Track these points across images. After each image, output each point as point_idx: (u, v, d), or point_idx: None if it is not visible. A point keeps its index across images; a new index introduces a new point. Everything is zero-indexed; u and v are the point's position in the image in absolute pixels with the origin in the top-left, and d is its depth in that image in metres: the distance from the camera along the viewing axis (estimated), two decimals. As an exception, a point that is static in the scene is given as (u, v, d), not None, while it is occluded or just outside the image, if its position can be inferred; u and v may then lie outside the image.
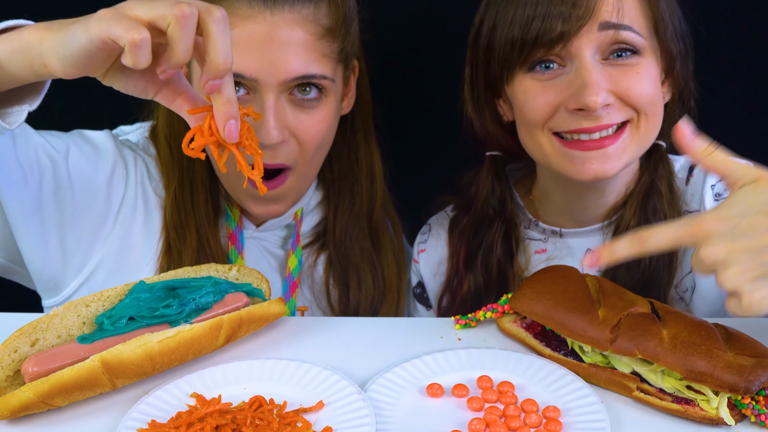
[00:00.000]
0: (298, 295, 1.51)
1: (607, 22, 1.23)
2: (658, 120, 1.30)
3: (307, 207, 1.53)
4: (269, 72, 1.23)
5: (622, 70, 1.25)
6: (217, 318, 1.12)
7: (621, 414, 1.03)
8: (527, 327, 1.19)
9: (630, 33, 1.24)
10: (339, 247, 1.51)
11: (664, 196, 1.36)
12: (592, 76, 1.23)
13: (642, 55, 1.26)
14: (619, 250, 0.98)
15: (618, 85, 1.25)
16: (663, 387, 1.03)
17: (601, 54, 1.25)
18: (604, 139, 1.26)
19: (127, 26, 0.90)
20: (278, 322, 1.26)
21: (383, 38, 1.49)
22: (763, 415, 0.98)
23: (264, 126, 1.25)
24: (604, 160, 1.26)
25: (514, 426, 1.00)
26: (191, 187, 1.42)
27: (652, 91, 1.27)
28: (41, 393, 0.99)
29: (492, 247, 1.44)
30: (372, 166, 1.53)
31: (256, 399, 1.05)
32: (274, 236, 1.51)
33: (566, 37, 1.23)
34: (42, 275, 1.39)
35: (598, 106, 1.22)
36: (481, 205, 1.48)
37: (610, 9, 1.23)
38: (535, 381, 1.09)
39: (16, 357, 1.05)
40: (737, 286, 0.91)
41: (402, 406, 1.05)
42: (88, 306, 1.12)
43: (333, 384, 1.07)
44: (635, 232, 0.97)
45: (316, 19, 1.26)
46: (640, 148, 1.30)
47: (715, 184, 1.35)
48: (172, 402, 1.05)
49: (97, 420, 1.03)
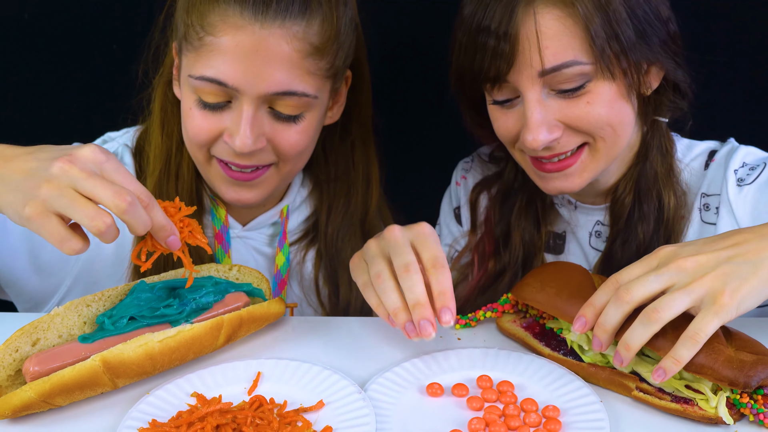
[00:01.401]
0: (288, 292, 1.52)
1: (545, 69, 1.20)
2: (620, 135, 1.28)
3: (293, 204, 1.54)
4: (251, 83, 1.24)
5: (570, 101, 1.23)
6: (217, 318, 1.13)
7: (620, 413, 1.03)
8: (527, 327, 1.19)
9: (573, 68, 1.20)
10: (330, 247, 1.52)
11: (659, 175, 1.37)
12: (533, 117, 1.23)
13: (592, 80, 1.22)
14: (633, 340, 1.00)
15: (567, 117, 1.24)
16: (662, 386, 1.03)
17: (548, 88, 1.24)
18: (563, 162, 1.28)
19: (89, 215, 0.95)
20: (278, 322, 1.26)
21: (382, 42, 1.50)
22: (761, 414, 0.98)
23: (239, 134, 1.26)
24: (565, 179, 1.30)
25: (513, 425, 1.00)
26: (177, 175, 1.42)
27: (605, 114, 1.24)
28: (42, 392, 1.00)
29: (519, 217, 1.47)
30: (369, 171, 1.53)
31: (256, 398, 1.05)
32: (261, 235, 1.52)
33: (507, 76, 1.23)
34: (21, 295, 1.40)
35: (539, 146, 1.23)
36: (506, 178, 1.51)
37: (549, 52, 1.20)
38: (534, 380, 1.09)
39: (17, 356, 1.05)
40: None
41: (402, 405, 1.05)
42: (89, 306, 1.12)
43: (333, 383, 1.08)
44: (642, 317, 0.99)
45: (306, 37, 1.26)
46: (604, 163, 1.31)
47: (738, 170, 1.34)
48: (172, 401, 1.06)
49: (98, 419, 1.04)
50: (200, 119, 1.29)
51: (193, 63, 1.27)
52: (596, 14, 1.19)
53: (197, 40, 1.25)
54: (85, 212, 0.95)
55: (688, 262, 0.99)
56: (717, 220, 1.33)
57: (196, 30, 1.25)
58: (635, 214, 1.37)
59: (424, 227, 1.14)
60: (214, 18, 1.24)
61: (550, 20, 1.19)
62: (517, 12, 1.20)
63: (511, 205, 1.49)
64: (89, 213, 0.95)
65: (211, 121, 1.29)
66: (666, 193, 1.36)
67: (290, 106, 1.28)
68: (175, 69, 1.38)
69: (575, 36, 1.20)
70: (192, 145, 1.34)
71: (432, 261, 1.09)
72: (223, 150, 1.31)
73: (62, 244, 0.97)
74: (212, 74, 1.24)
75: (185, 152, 1.41)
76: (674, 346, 0.97)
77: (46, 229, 0.97)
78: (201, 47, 1.25)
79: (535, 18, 1.19)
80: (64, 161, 0.97)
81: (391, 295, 1.08)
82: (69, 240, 0.97)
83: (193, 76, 1.27)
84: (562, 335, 1.14)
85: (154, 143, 1.42)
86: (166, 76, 1.42)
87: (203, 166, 1.36)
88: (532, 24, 1.20)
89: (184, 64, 1.30)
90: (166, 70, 1.42)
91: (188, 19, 1.27)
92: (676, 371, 0.97)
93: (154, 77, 1.44)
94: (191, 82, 1.27)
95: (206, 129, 1.30)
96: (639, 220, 1.36)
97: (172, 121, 1.42)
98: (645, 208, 1.36)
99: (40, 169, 0.98)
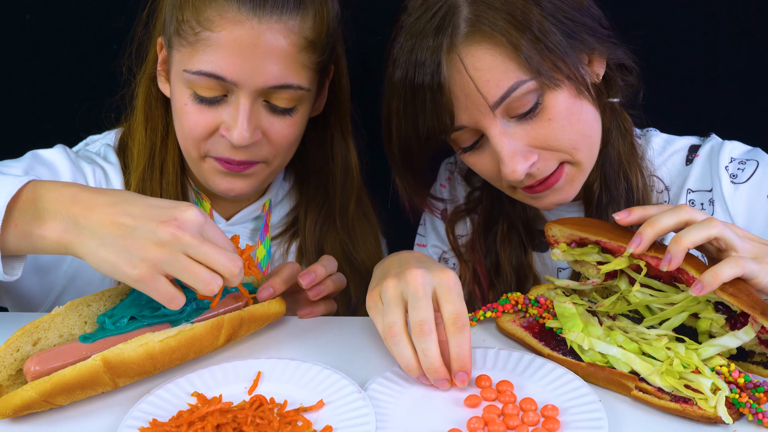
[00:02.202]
0: None
1: (495, 101, 1.19)
2: (591, 137, 1.27)
3: (276, 198, 1.55)
4: (249, 77, 1.26)
5: (533, 123, 1.22)
6: (218, 317, 1.13)
7: (620, 413, 1.03)
8: (527, 327, 1.19)
9: (519, 89, 1.19)
10: (310, 239, 1.53)
11: (623, 155, 1.37)
12: (504, 150, 1.22)
13: (544, 94, 1.21)
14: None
15: (536, 139, 1.23)
16: (661, 386, 1.04)
17: (507, 117, 1.22)
18: (546, 182, 1.27)
19: (204, 280, 1.02)
20: (278, 321, 1.27)
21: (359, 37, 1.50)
22: (760, 414, 0.98)
23: (237, 128, 1.28)
24: (556, 193, 1.30)
25: (512, 424, 1.00)
26: (161, 169, 1.43)
27: (569, 127, 1.23)
28: (43, 392, 1.00)
29: (504, 244, 1.47)
30: (347, 161, 1.54)
31: (256, 398, 1.05)
32: (245, 229, 1.53)
33: (463, 122, 1.22)
34: (19, 299, 1.40)
35: (520, 176, 1.22)
36: (485, 207, 1.50)
37: (491, 85, 1.18)
38: (533, 380, 1.09)
39: (18, 356, 1.05)
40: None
41: (402, 405, 1.05)
42: (90, 305, 1.13)
43: (333, 383, 1.08)
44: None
45: (301, 32, 1.28)
46: (587, 171, 1.30)
47: (728, 165, 1.35)
48: (173, 401, 1.06)
49: (98, 419, 1.04)
50: (196, 114, 1.30)
51: (188, 58, 1.28)
52: (520, 36, 1.17)
53: (193, 35, 1.26)
54: (200, 278, 1.01)
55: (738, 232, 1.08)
56: (711, 215, 1.33)
57: (191, 25, 1.26)
58: (604, 199, 1.37)
59: (449, 277, 1.08)
60: (211, 13, 1.25)
61: (479, 57, 1.18)
62: (443, 62, 1.19)
63: (494, 234, 1.49)
64: (205, 278, 1.01)
65: (207, 116, 1.30)
66: (633, 173, 1.37)
67: (285, 99, 1.31)
68: (161, 64, 1.39)
69: (508, 60, 1.18)
70: (187, 140, 1.34)
71: (453, 319, 1.05)
72: (219, 145, 1.32)
73: (171, 301, 1.03)
74: (210, 69, 1.26)
75: (170, 147, 1.42)
76: (717, 264, 1.02)
77: (157, 289, 1.01)
78: (197, 42, 1.26)
79: (462, 61, 1.19)
80: (174, 227, 1.00)
81: (404, 351, 1.06)
82: (177, 297, 1.03)
83: (189, 71, 1.27)
84: (562, 335, 1.15)
85: (138, 139, 1.43)
86: (150, 71, 1.42)
87: (196, 162, 1.37)
88: (462, 68, 1.19)
89: (177, 60, 1.30)
90: (149, 66, 1.43)
91: (181, 14, 1.28)
92: (714, 287, 1.01)
93: (137, 73, 1.45)
94: (186, 77, 1.28)
95: (202, 124, 1.31)
96: (609, 204, 1.37)
97: (156, 116, 1.43)
98: (613, 191, 1.37)
99: (143, 230, 1.00)
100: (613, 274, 1.22)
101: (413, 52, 1.21)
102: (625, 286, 1.19)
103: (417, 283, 1.07)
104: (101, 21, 1.81)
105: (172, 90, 1.35)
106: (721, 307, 1.09)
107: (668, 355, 1.05)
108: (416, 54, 1.21)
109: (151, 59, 1.43)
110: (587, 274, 1.24)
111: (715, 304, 1.09)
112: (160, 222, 1.00)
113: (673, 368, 1.03)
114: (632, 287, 1.16)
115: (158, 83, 1.42)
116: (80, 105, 1.80)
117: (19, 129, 1.89)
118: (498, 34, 1.17)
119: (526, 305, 1.22)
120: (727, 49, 1.71)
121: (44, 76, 1.86)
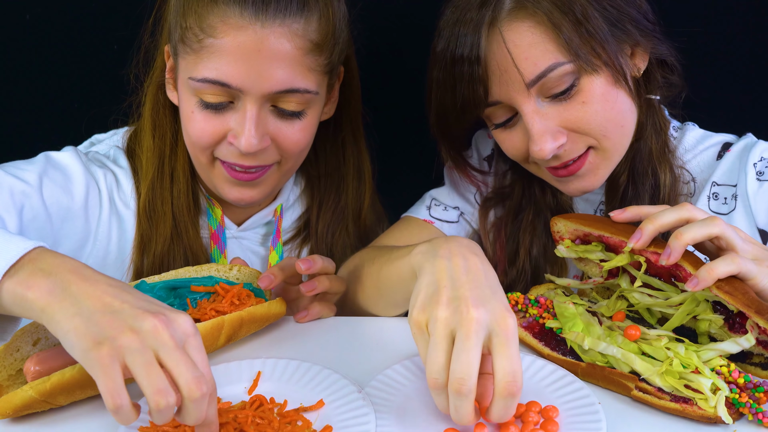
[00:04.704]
0: None
1: (530, 79, 1.22)
2: (623, 126, 1.29)
3: (287, 203, 1.54)
4: (255, 82, 1.25)
5: (566, 104, 1.24)
6: (218, 318, 1.13)
7: (619, 413, 1.03)
8: (527, 327, 1.19)
9: (556, 70, 1.21)
10: (321, 244, 1.53)
11: (654, 152, 1.37)
12: (535, 128, 1.24)
13: (581, 78, 1.23)
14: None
15: (567, 120, 1.25)
16: (661, 386, 1.04)
17: (541, 96, 1.25)
18: (570, 167, 1.29)
19: (158, 387, 0.86)
20: (278, 322, 1.27)
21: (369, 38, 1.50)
22: (760, 414, 0.98)
23: (244, 134, 1.27)
24: (581, 180, 1.31)
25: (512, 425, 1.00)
26: (171, 176, 1.42)
27: (601, 111, 1.25)
28: (43, 392, 1.00)
29: (526, 232, 1.47)
30: (360, 165, 1.54)
31: (256, 398, 1.05)
32: (256, 234, 1.52)
33: (497, 98, 1.25)
34: None
35: (547, 155, 1.24)
36: (515, 199, 1.51)
37: (528, 63, 1.21)
38: (533, 381, 1.09)
39: (18, 356, 1.06)
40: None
41: (401, 404, 1.05)
42: (90, 305, 1.12)
43: (333, 383, 1.08)
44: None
45: (305, 34, 1.27)
46: (617, 157, 1.32)
47: (757, 163, 1.34)
48: (173, 401, 1.06)
49: (98, 418, 1.04)
50: (203, 122, 1.29)
51: (193, 65, 1.27)
52: (563, 17, 1.20)
53: (196, 42, 1.25)
54: (154, 382, 0.86)
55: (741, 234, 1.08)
56: (732, 210, 1.34)
57: (194, 32, 1.25)
58: (629, 192, 1.38)
59: (508, 324, 0.94)
60: (214, 19, 1.24)
61: (520, 33, 1.21)
62: (483, 35, 1.22)
63: (520, 221, 1.49)
64: (158, 385, 0.86)
65: (214, 123, 1.29)
66: (662, 170, 1.37)
67: (293, 103, 1.30)
68: (168, 72, 1.38)
69: (548, 40, 1.21)
70: (195, 148, 1.34)
71: (507, 382, 0.92)
72: (227, 152, 1.31)
73: (112, 397, 0.86)
74: (215, 76, 1.25)
75: (180, 154, 1.41)
76: (713, 261, 1.03)
77: (105, 375, 0.86)
78: (201, 49, 1.25)
79: (503, 36, 1.21)
80: (160, 321, 0.89)
81: (438, 398, 0.97)
82: (119, 396, 0.86)
83: (194, 78, 1.27)
84: (562, 335, 1.15)
85: (146, 146, 1.42)
86: (157, 79, 1.42)
87: (206, 168, 1.36)
88: (502, 42, 1.22)
89: (183, 67, 1.30)
90: (156, 73, 1.42)
91: (184, 21, 1.27)
92: (709, 282, 1.01)
93: (145, 80, 1.44)
94: (192, 84, 1.27)
95: (209, 131, 1.30)
96: (633, 198, 1.37)
97: (165, 124, 1.42)
98: (640, 187, 1.37)
99: (127, 314, 0.90)
100: (615, 273, 1.22)
101: (457, 24, 1.25)
102: (626, 284, 1.19)
103: (470, 330, 0.93)
104: (101, 21, 1.81)
105: (180, 98, 1.34)
106: (719, 307, 1.09)
107: (668, 356, 1.05)
108: (459, 26, 1.25)
109: (158, 67, 1.42)
110: (590, 273, 1.24)
111: (713, 304, 1.09)
112: (147, 312, 0.90)
113: (673, 368, 1.03)
114: (633, 286, 1.16)
115: (166, 91, 1.40)
116: (80, 105, 1.80)
117: (19, 129, 1.89)
118: (541, 13, 1.20)
119: (526, 305, 1.22)
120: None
121: (44, 76, 1.86)
